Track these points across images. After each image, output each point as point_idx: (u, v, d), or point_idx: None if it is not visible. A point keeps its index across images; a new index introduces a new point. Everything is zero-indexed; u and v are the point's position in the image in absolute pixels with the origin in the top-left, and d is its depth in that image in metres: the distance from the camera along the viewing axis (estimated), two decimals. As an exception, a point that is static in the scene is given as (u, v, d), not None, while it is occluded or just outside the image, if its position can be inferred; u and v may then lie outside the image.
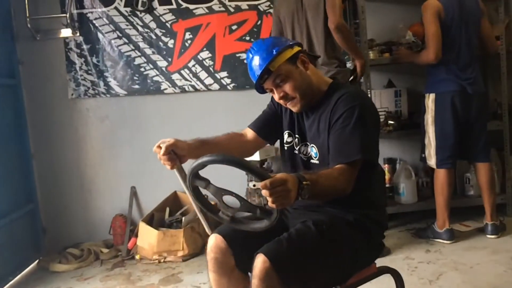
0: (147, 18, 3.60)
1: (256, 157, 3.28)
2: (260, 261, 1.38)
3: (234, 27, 3.64)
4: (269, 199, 1.24)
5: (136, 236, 3.33)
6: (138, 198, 3.72)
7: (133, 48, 3.63)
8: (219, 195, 1.40)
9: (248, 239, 1.51)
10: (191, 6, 3.61)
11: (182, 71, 3.66)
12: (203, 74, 3.67)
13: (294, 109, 1.68)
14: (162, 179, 3.66)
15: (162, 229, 3.23)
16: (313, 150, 1.67)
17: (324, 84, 1.69)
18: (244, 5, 3.63)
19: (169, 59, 3.65)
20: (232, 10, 3.63)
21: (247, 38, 3.65)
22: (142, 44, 3.63)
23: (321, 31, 2.74)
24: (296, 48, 1.64)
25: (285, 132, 1.78)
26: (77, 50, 3.61)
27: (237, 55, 3.66)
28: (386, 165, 3.56)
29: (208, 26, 3.64)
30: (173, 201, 3.59)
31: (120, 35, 3.61)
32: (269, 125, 1.83)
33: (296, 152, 1.74)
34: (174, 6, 3.61)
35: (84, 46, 3.60)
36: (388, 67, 3.65)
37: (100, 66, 3.63)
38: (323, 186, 1.38)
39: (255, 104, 3.67)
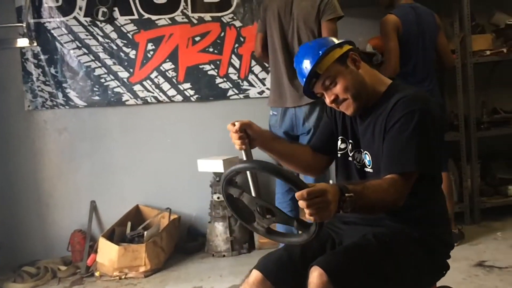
0: (108, 28, 3.54)
1: (219, 168, 3.24)
2: (316, 275, 1.28)
3: (197, 39, 3.63)
4: (306, 211, 1.14)
5: (96, 252, 3.23)
6: (98, 212, 3.61)
7: (93, 58, 3.55)
8: (253, 205, 1.32)
9: (293, 273, 1.42)
10: (154, 17, 3.58)
11: (144, 82, 3.61)
12: (165, 86, 3.63)
13: (348, 112, 1.54)
14: (123, 193, 3.59)
15: (123, 244, 3.14)
16: (366, 158, 1.53)
17: (382, 85, 1.55)
18: (207, 16, 3.63)
19: (131, 70, 3.59)
20: (195, 21, 3.61)
21: (210, 49, 3.64)
22: (102, 55, 3.55)
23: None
24: (346, 47, 1.51)
25: (339, 138, 1.66)
26: (34, 61, 3.49)
27: (201, 66, 3.64)
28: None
29: (171, 37, 3.60)
30: (135, 215, 3.50)
31: (80, 45, 3.52)
32: (327, 139, 1.70)
33: (350, 159, 1.60)
34: (136, 16, 3.56)
35: (42, 57, 3.50)
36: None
37: (58, 77, 3.53)
38: (369, 198, 1.26)
39: (219, 116, 3.70)
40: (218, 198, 3.32)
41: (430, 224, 1.49)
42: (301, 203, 1.13)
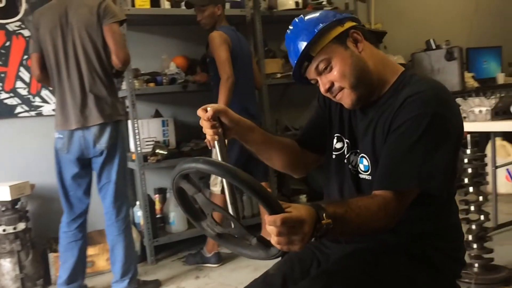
0: None
1: (5, 196, 2.82)
2: None
3: (-26, 47, 3.12)
4: (274, 239, 0.96)
5: None
6: None
7: None
8: (208, 209, 1.10)
9: None
10: None
11: None
12: None
13: (345, 104, 1.27)
14: None
15: None
16: (362, 162, 1.27)
17: (391, 73, 1.26)
18: (-13, 22, 3.16)
19: None
20: (-29, 26, 3.11)
21: (-7, 59, 3.17)
22: None
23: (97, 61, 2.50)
24: (348, 24, 1.24)
25: (334, 136, 1.38)
26: None
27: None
28: (157, 195, 3.54)
29: None
30: None
31: None
32: (316, 133, 1.44)
33: (346, 161, 1.33)
34: None
35: None
36: (154, 97, 3.68)
37: None
38: (352, 224, 1.06)
39: (4, 136, 3.23)
40: (4, 231, 2.87)
41: (437, 238, 1.26)
42: (271, 229, 0.95)
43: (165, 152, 3.31)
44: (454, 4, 4.91)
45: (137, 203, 3.45)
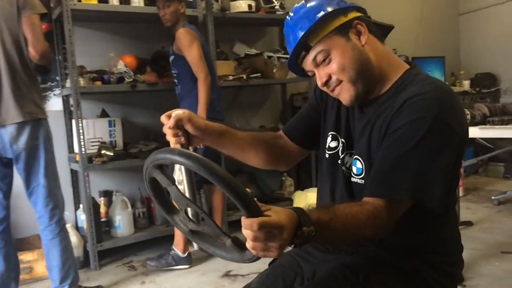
0: None
1: None
2: None
3: None
4: (249, 243, 0.88)
5: None
6: None
7: None
8: (182, 204, 1.01)
9: None
10: None
11: None
12: None
13: (344, 100, 1.18)
14: None
15: None
16: (356, 164, 1.18)
17: (394, 70, 1.17)
18: None
19: None
20: None
21: None
22: None
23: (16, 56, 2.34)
24: (353, 14, 1.15)
25: (328, 134, 1.28)
26: None
27: None
28: (102, 198, 3.41)
29: None
30: None
31: None
32: (307, 128, 1.35)
33: (340, 162, 1.24)
34: None
35: None
36: (101, 96, 3.55)
37: None
38: (335, 232, 0.98)
39: None
40: None
41: (431, 251, 1.17)
42: (247, 233, 0.88)
43: (111, 154, 3.20)
44: (401, 16, 5.09)
45: (81, 206, 3.31)
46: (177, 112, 1.15)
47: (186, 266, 3.02)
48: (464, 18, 5.61)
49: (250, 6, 3.81)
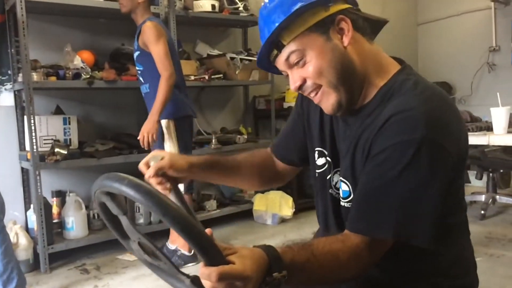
0: None
1: None
2: None
3: None
4: None
5: None
6: None
7: None
8: (134, 236, 0.88)
9: None
10: None
11: None
12: None
13: (325, 109, 1.02)
14: None
15: None
16: (342, 187, 1.04)
17: (381, 75, 1.00)
18: None
19: None
20: None
21: None
22: None
23: None
24: (337, 7, 0.96)
25: (315, 150, 1.13)
26: None
27: None
28: (55, 198, 3.27)
29: None
30: None
31: None
32: (293, 144, 1.21)
33: (328, 183, 1.10)
34: None
35: None
36: (56, 92, 3.41)
37: None
38: (312, 275, 0.85)
39: None
40: None
41: (438, 275, 1.01)
42: (205, 283, 0.74)
43: (65, 152, 3.07)
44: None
45: (31, 206, 3.17)
46: (155, 161, 1.06)
47: (194, 264, 2.95)
48: (422, 28, 5.78)
49: (213, 6, 3.77)
